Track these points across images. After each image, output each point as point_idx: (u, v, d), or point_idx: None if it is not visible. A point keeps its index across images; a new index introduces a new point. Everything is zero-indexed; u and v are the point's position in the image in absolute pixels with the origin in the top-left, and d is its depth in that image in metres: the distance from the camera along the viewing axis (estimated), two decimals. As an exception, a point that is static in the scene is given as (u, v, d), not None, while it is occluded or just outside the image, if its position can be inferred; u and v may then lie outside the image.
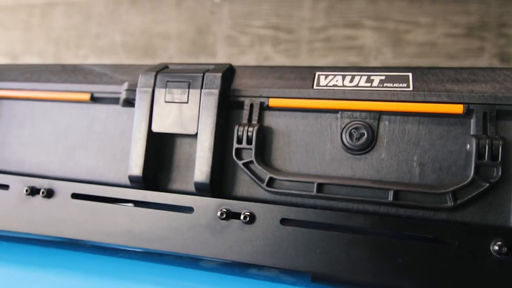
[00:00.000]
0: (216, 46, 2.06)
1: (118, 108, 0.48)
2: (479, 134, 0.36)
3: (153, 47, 2.16)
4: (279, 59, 1.99)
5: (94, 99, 0.49)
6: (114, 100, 0.48)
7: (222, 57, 2.14)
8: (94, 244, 0.49)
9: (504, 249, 0.33)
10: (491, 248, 0.33)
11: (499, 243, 0.33)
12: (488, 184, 0.35)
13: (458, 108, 0.37)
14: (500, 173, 0.35)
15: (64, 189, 0.46)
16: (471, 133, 0.37)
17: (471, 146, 0.36)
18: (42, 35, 2.10)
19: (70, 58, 2.27)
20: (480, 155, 0.35)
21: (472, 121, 0.37)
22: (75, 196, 0.45)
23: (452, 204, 0.36)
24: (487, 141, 0.35)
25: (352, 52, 1.86)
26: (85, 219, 0.45)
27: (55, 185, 0.46)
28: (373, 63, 1.85)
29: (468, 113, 0.37)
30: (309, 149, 0.42)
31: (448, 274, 0.34)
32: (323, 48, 1.91)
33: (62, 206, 0.46)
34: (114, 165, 0.47)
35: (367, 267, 0.36)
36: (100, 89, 0.48)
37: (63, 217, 0.45)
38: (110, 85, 0.48)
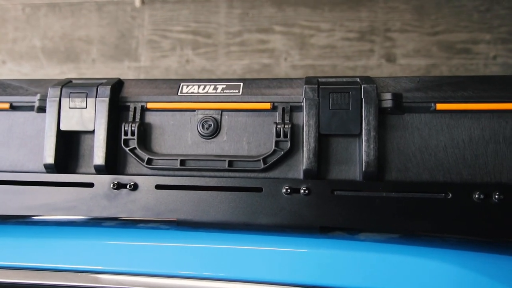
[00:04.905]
0: (138, 50, 2.18)
1: (33, 113, 0.62)
2: (279, 121, 0.57)
3: (75, 52, 2.22)
4: (199, 62, 2.16)
5: (13, 107, 0.63)
6: (30, 108, 0.62)
7: (145, 61, 2.26)
8: (19, 220, 0.63)
9: (289, 191, 0.54)
10: (282, 191, 0.54)
11: (286, 187, 0.54)
12: (282, 152, 0.56)
13: (267, 105, 0.58)
14: (289, 146, 0.56)
15: None
16: (275, 121, 0.58)
17: (274, 129, 0.57)
18: (-44, 41, 2.06)
19: (-15, 63, 2.23)
20: (277, 134, 0.56)
21: (277, 113, 0.58)
22: (0, 182, 0.59)
23: (263, 166, 0.56)
24: (281, 125, 0.56)
25: (264, 55, 2.10)
26: (10, 199, 0.59)
27: (-16, 175, 0.60)
28: (283, 65, 2.10)
29: (274, 108, 0.58)
30: (177, 137, 0.60)
31: (259, 208, 0.54)
32: (239, 51, 2.12)
33: (-9, 191, 0.59)
34: (32, 157, 0.62)
35: (212, 212, 0.55)
36: (18, 99, 0.62)
37: (-8, 199, 0.59)
38: (26, 96, 0.62)
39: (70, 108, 0.59)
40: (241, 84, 0.60)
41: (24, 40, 2.11)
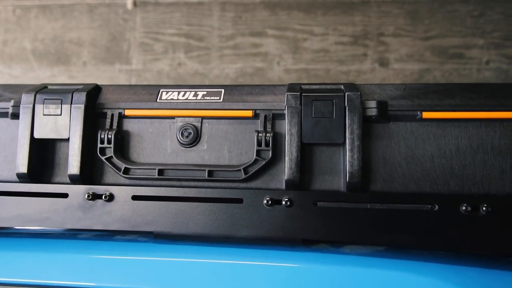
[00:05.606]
0: (130, 52, 2.15)
1: (7, 120, 0.60)
2: (261, 130, 0.55)
3: (66, 54, 2.20)
4: (191, 65, 2.14)
5: None
6: (4, 114, 0.60)
7: (137, 64, 2.24)
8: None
9: (270, 202, 0.52)
10: (263, 202, 0.52)
11: (267, 198, 0.52)
12: (264, 162, 0.54)
13: (249, 113, 0.56)
14: (270, 155, 0.54)
15: None
16: (257, 129, 0.56)
17: (255, 138, 0.55)
18: None
19: (-25, 66, 2.21)
20: (259, 143, 0.54)
21: (258, 121, 0.56)
22: (-29, 192, 0.57)
23: (244, 176, 0.54)
24: (263, 134, 0.54)
25: (257, 59, 2.08)
26: (-19, 210, 0.56)
27: (-46, 185, 0.57)
28: (276, 69, 2.08)
29: (255, 116, 0.56)
30: (156, 145, 0.58)
31: (239, 221, 0.52)
32: (232, 55, 2.10)
33: (-39, 201, 0.57)
34: (5, 165, 0.59)
35: (191, 224, 0.53)
36: None
37: (-38, 209, 0.57)
38: (0, 102, 0.60)
39: (44, 115, 0.57)
40: (222, 90, 0.58)
41: (14, 42, 2.08)
